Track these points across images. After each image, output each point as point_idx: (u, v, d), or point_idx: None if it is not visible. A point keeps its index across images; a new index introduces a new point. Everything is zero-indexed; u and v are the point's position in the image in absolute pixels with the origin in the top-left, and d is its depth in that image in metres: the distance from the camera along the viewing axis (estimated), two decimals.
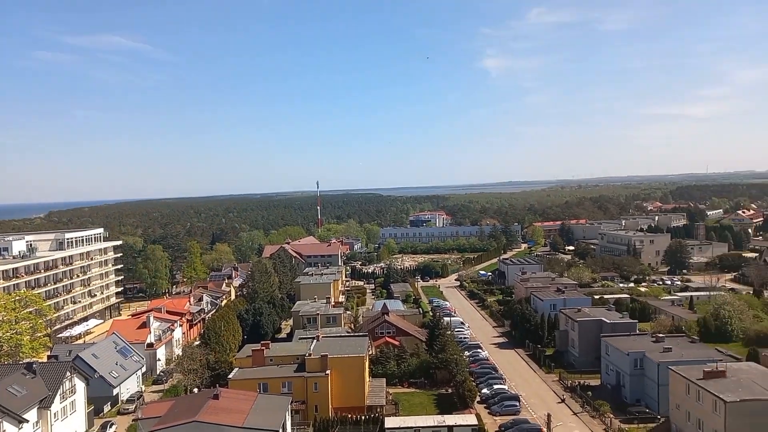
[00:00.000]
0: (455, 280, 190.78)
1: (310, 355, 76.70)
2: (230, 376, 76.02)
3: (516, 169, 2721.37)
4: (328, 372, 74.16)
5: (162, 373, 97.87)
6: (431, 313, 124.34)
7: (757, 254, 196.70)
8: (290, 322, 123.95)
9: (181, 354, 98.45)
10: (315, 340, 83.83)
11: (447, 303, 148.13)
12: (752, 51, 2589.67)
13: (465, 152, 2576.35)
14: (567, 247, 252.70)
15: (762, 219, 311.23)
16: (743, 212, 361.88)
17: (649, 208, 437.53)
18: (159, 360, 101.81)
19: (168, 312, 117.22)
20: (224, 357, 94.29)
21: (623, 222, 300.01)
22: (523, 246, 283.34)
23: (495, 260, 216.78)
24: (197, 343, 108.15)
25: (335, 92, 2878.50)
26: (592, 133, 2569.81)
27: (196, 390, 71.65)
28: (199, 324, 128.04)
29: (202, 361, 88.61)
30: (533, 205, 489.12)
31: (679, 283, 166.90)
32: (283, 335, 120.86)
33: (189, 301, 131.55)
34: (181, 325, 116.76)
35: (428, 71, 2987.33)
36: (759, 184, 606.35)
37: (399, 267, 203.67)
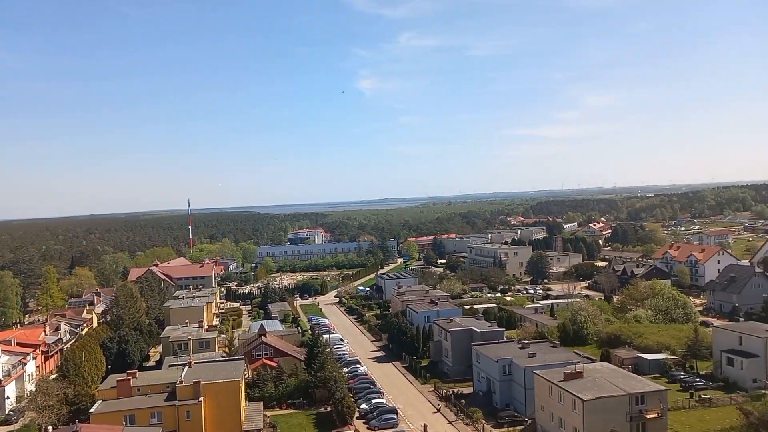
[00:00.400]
0: (334, 296, 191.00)
1: (181, 382, 73.01)
2: (92, 410, 70.24)
3: (391, 187, 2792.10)
4: (201, 399, 70.96)
5: (12, 413, 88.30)
6: (310, 332, 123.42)
7: (606, 263, 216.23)
8: (159, 349, 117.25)
9: (34, 389, 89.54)
10: (186, 367, 79.93)
11: (326, 320, 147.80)
12: (598, 79, 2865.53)
13: (343, 170, 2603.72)
14: (439, 261, 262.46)
15: (610, 231, 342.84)
16: (594, 225, 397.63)
17: (512, 223, 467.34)
18: (8, 398, 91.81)
19: (19, 344, 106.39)
20: (85, 390, 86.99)
21: (489, 236, 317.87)
22: (399, 260, 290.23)
23: (373, 275, 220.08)
24: (54, 376, 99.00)
25: (212, 112, 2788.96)
26: (460, 153, 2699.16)
27: (51, 429, 65.45)
28: (56, 355, 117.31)
29: (59, 395, 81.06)
30: (408, 221, 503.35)
31: (541, 291, 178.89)
32: (151, 363, 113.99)
33: (44, 331, 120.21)
34: (34, 358, 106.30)
35: (306, 90, 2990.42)
36: (607, 200, 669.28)
37: (277, 286, 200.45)
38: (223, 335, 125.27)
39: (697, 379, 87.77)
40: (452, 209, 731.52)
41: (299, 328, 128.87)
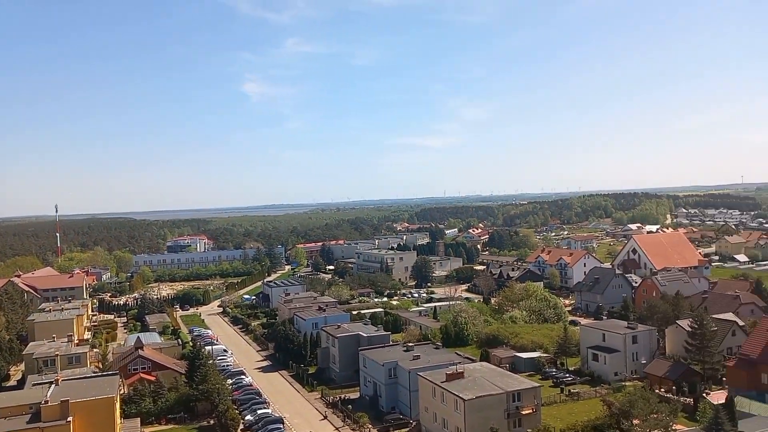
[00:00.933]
0: (218, 306, 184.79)
1: (46, 402, 67.23)
2: None
3: (280, 193, 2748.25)
4: (69, 419, 65.72)
5: None
6: (191, 343, 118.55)
7: (485, 267, 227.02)
8: (22, 367, 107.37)
9: None
10: (53, 385, 73.78)
11: (209, 331, 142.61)
12: (475, 92, 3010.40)
13: (228, 175, 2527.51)
14: (328, 267, 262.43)
15: (488, 236, 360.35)
16: (473, 231, 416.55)
17: (398, 229, 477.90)
18: None
19: None
20: None
21: (377, 241, 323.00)
22: (287, 267, 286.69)
23: (259, 283, 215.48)
24: None
25: (84, 113, 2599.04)
26: (347, 160, 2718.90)
27: None
28: None
29: None
30: (296, 227, 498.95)
31: (424, 295, 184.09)
32: (12, 383, 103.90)
33: None
34: None
35: (187, 92, 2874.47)
36: (484, 207, 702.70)
37: (155, 297, 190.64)
38: (96, 349, 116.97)
39: (567, 375, 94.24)
40: (341, 215, 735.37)
41: (180, 340, 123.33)
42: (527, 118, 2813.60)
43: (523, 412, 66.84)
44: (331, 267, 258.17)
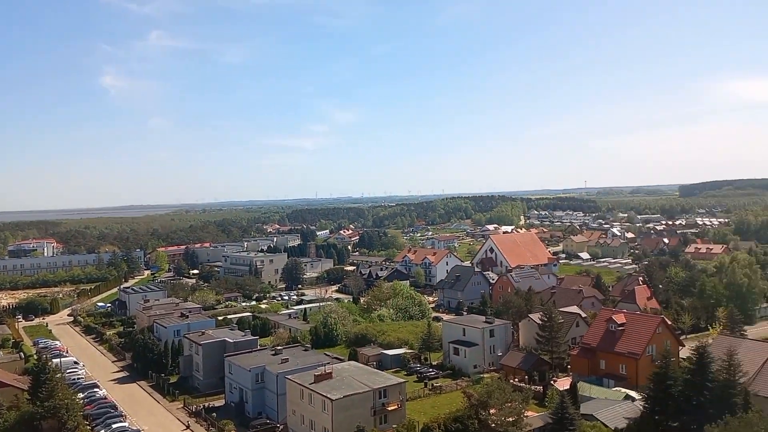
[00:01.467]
0: (68, 315, 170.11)
1: None
2: None
3: (139, 193, 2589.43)
4: None
5: None
6: (36, 357, 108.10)
7: (355, 267, 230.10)
8: None
9: None
10: None
11: (57, 342, 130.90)
12: (344, 95, 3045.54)
13: (81, 173, 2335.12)
14: (192, 271, 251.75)
15: (358, 237, 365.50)
16: (344, 232, 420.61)
17: (268, 230, 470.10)
18: None
19: None
20: None
21: (246, 244, 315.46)
22: (147, 272, 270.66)
23: (116, 290, 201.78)
24: None
25: None
26: (215, 159, 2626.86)
27: None
28: None
29: None
30: (157, 229, 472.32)
31: (295, 297, 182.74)
32: None
33: None
34: None
35: (35, 83, 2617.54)
36: (355, 208, 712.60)
37: None
38: None
39: (431, 370, 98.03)
40: (207, 217, 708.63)
41: (22, 354, 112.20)
42: (394, 123, 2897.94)
43: (389, 408, 68.70)
44: (196, 271, 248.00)
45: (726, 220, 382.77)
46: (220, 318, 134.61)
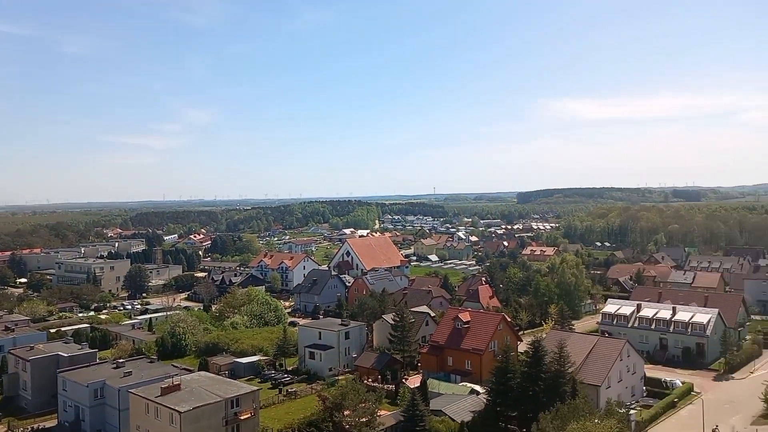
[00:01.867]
0: None
1: None
2: None
3: None
4: None
5: None
6: None
7: (206, 273, 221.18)
8: None
9: None
10: None
11: None
12: (199, 95, 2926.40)
13: None
14: (19, 280, 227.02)
15: (210, 242, 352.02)
16: (195, 236, 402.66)
17: (109, 235, 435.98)
18: None
19: None
20: None
21: (83, 249, 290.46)
22: None
23: None
24: None
25: None
26: (47, 156, 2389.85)
27: None
28: None
29: None
30: None
31: (139, 306, 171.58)
32: None
33: None
34: None
35: None
36: (207, 212, 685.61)
37: None
38: None
39: (285, 375, 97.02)
40: (37, 219, 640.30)
41: None
42: (251, 125, 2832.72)
43: (242, 417, 66.86)
44: (24, 280, 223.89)
45: (557, 225, 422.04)
46: (53, 330, 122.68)
